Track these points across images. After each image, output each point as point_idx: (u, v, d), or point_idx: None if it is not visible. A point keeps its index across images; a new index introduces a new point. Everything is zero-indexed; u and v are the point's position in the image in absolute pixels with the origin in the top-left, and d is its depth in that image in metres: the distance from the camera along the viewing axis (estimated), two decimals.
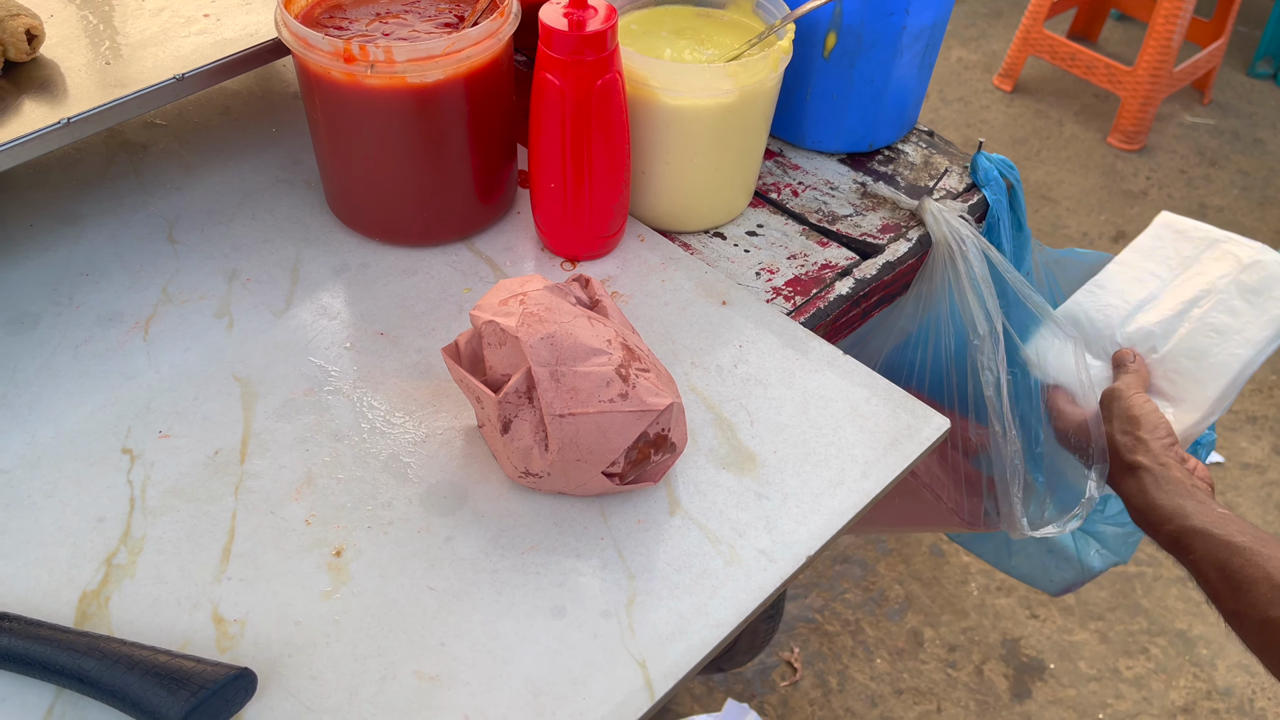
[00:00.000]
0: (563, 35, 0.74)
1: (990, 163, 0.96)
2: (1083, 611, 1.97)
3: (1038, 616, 1.96)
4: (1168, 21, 2.66)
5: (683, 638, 0.63)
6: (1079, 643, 1.93)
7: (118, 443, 0.72)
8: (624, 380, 0.66)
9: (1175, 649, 1.92)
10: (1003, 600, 1.99)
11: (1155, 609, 1.97)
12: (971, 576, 2.02)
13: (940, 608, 1.97)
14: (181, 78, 0.79)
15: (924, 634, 1.93)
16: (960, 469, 1.05)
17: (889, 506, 1.17)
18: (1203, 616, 1.96)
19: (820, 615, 1.96)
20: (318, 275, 0.84)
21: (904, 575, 2.02)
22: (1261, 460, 2.23)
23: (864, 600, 1.98)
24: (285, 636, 0.62)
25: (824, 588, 2.00)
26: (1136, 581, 2.02)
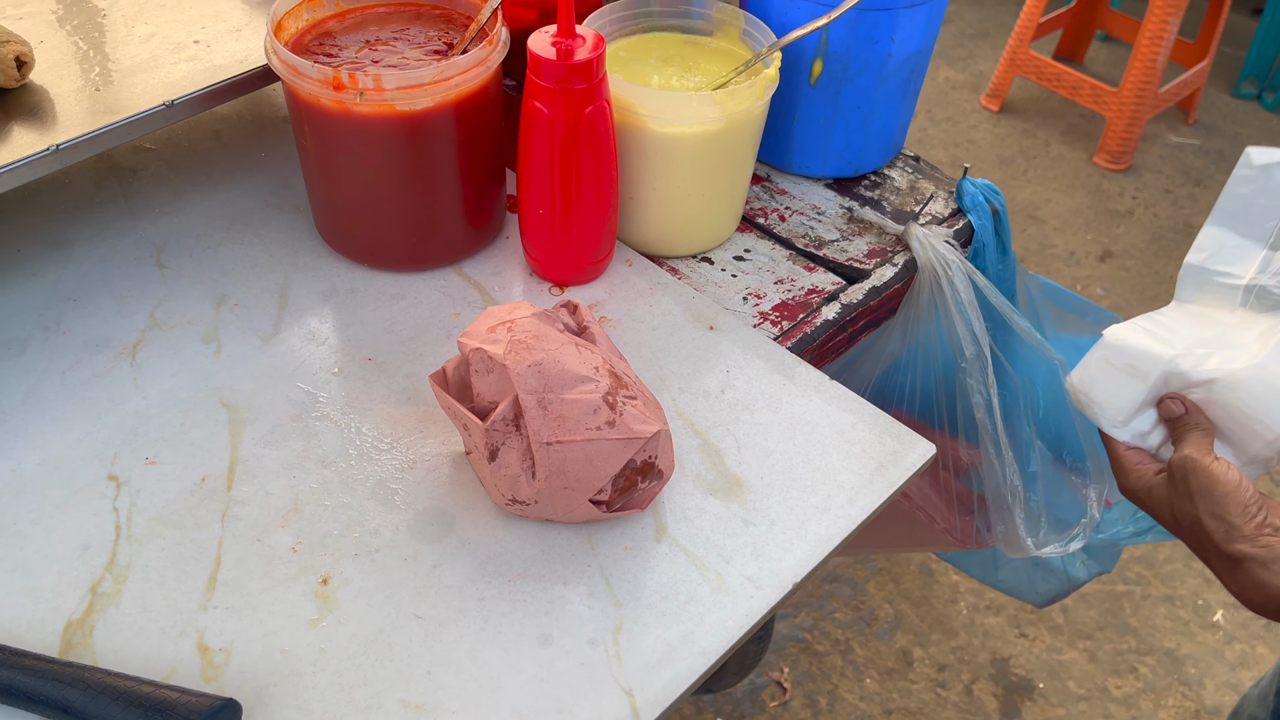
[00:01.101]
0: (551, 64, 0.75)
1: (975, 188, 0.97)
2: (1071, 630, 1.97)
3: (1027, 636, 1.97)
4: (1152, 43, 2.69)
5: (669, 666, 0.63)
6: (1068, 662, 1.93)
7: (104, 469, 0.72)
8: (611, 407, 0.66)
9: (1164, 668, 1.92)
10: (992, 619, 1.99)
11: (1144, 628, 1.98)
12: (961, 595, 2.02)
13: (930, 627, 1.97)
14: (171, 104, 0.80)
15: (913, 653, 1.93)
16: (951, 488, 1.06)
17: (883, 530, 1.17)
18: (1191, 636, 1.96)
19: (810, 635, 1.96)
20: (306, 300, 0.84)
21: (893, 594, 2.02)
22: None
23: (854, 619, 1.98)
24: (271, 666, 0.62)
25: (813, 607, 2.00)
26: (1125, 600, 2.02)
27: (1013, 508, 0.94)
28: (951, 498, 1.07)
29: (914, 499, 1.09)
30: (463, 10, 0.87)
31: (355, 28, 0.85)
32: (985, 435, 0.95)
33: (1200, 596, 2.02)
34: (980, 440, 0.96)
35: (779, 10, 0.91)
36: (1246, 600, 0.74)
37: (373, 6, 0.87)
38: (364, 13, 0.86)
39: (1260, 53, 3.17)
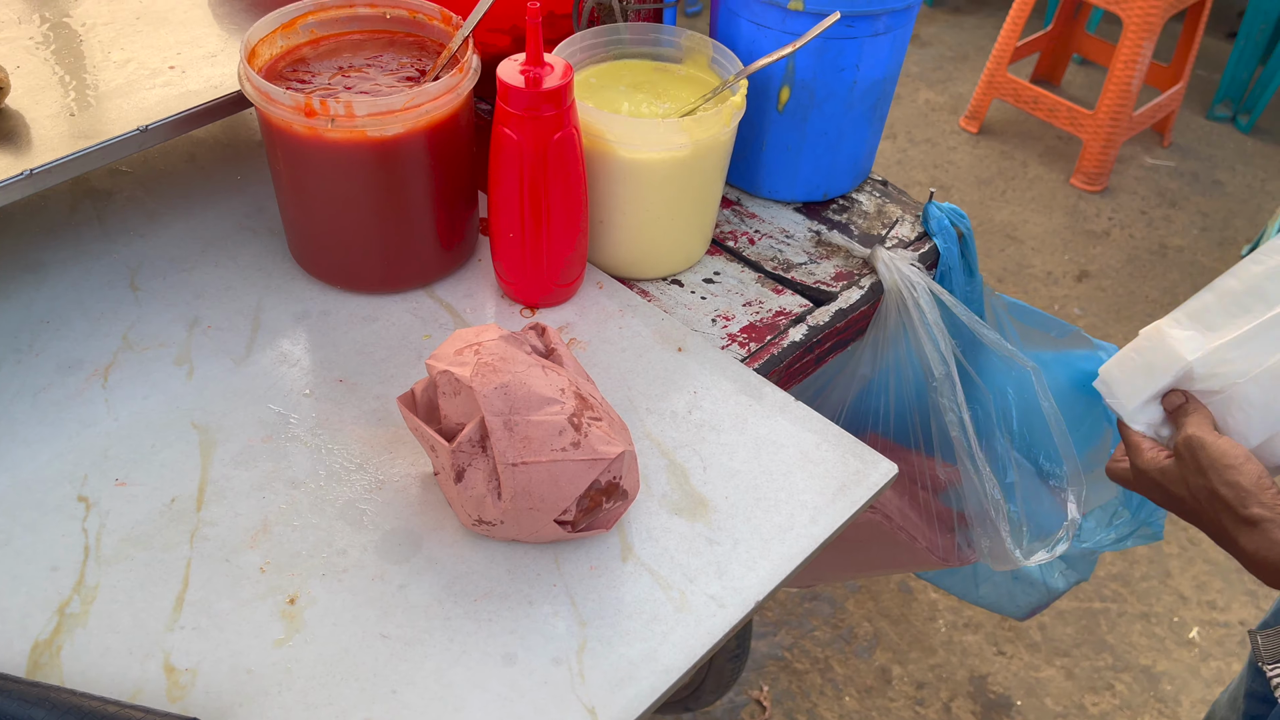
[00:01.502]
0: (519, 92, 0.76)
1: (941, 212, 0.99)
2: (1049, 648, 1.98)
3: (1005, 653, 1.98)
4: (1126, 66, 2.73)
5: (632, 684, 0.64)
6: (1045, 679, 1.94)
7: (74, 490, 0.72)
8: (576, 429, 0.67)
9: (1140, 685, 1.93)
10: (970, 637, 2.00)
11: (1120, 645, 1.99)
12: (939, 613, 2.03)
13: (908, 645, 1.98)
14: (145, 129, 0.81)
15: (892, 671, 1.94)
16: (931, 507, 1.07)
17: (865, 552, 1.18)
18: (1166, 653, 1.98)
19: (789, 653, 1.97)
20: (279, 322, 0.85)
21: (872, 612, 2.03)
22: None
23: (833, 638, 1.99)
24: (237, 685, 0.63)
25: (793, 625, 2.01)
26: (1101, 618, 2.03)
27: (997, 521, 0.95)
28: (932, 516, 1.08)
29: (894, 520, 1.10)
30: (435, 38, 0.88)
31: (329, 54, 0.86)
32: (962, 452, 0.96)
33: (1176, 614, 2.04)
34: (957, 457, 0.97)
35: (747, 39, 0.92)
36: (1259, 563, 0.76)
37: (346, 34, 0.88)
38: (337, 40, 0.88)
39: (1234, 76, 3.22)
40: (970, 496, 0.98)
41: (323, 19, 0.87)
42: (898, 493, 1.08)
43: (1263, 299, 0.79)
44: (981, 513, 0.96)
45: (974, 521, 1.00)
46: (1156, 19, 2.66)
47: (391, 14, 0.88)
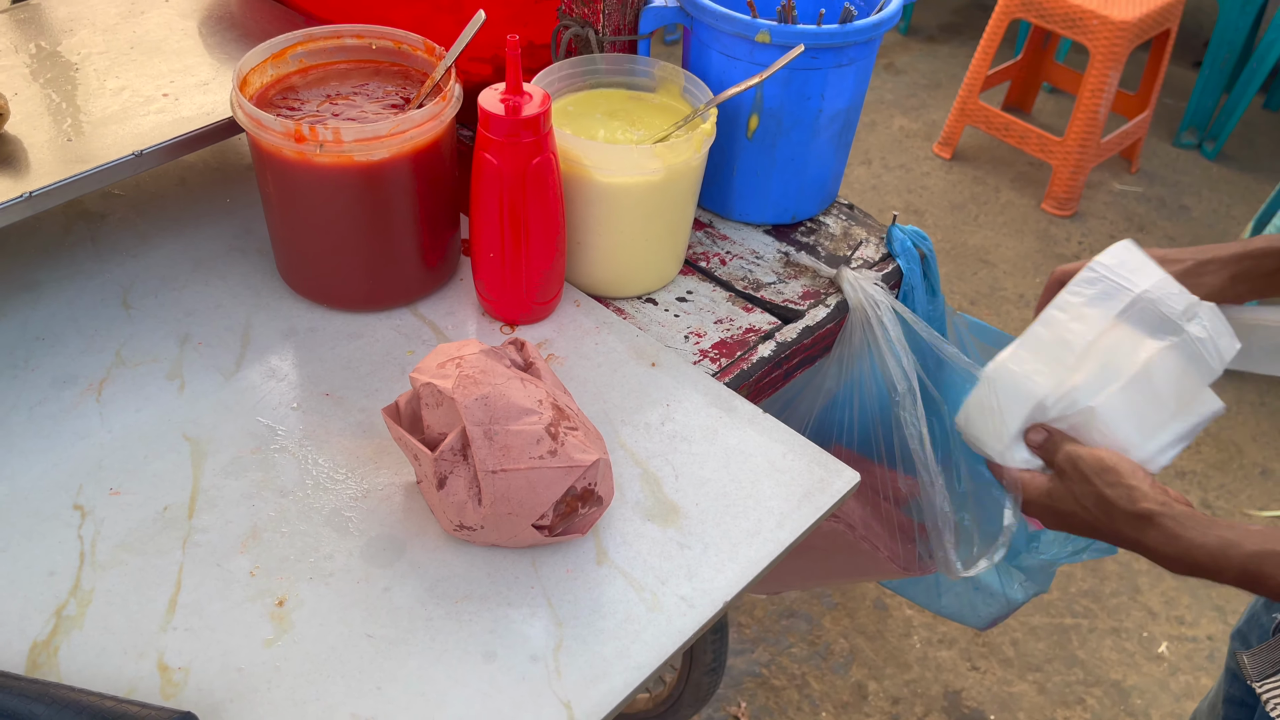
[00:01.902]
0: (499, 119, 0.80)
1: (904, 234, 1.03)
2: (1021, 663, 2.02)
3: (978, 669, 2.01)
4: (1094, 95, 2.80)
5: (606, 680, 0.67)
6: (1018, 694, 1.98)
7: (69, 500, 0.75)
8: (553, 438, 0.71)
9: (1110, 699, 1.97)
10: (945, 653, 2.03)
11: (1091, 660, 2.03)
12: (914, 629, 2.07)
13: (884, 661, 2.01)
14: (140, 154, 0.84)
15: (868, 687, 1.97)
16: (894, 518, 1.11)
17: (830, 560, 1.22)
18: (1136, 667, 2.02)
19: (766, 669, 1.99)
20: (267, 339, 0.89)
21: (849, 629, 2.06)
22: None
23: (809, 654, 2.02)
24: (228, 683, 0.65)
25: (770, 642, 2.04)
26: (1073, 633, 2.07)
27: (943, 531, 0.99)
28: (894, 527, 1.12)
29: (858, 529, 1.14)
30: (419, 67, 0.92)
31: (317, 83, 0.90)
32: (920, 465, 1.00)
33: (1145, 629, 2.08)
34: (916, 470, 1.01)
35: (717, 69, 0.97)
36: (1162, 557, 0.79)
37: (334, 63, 0.92)
38: (325, 69, 0.92)
39: (1199, 104, 3.31)
40: (927, 508, 1.02)
41: (311, 49, 0.90)
42: (861, 503, 1.11)
43: (1090, 324, 0.84)
44: (934, 524, 1.00)
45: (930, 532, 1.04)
46: (1122, 49, 2.73)
47: (377, 44, 0.92)
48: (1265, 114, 3.61)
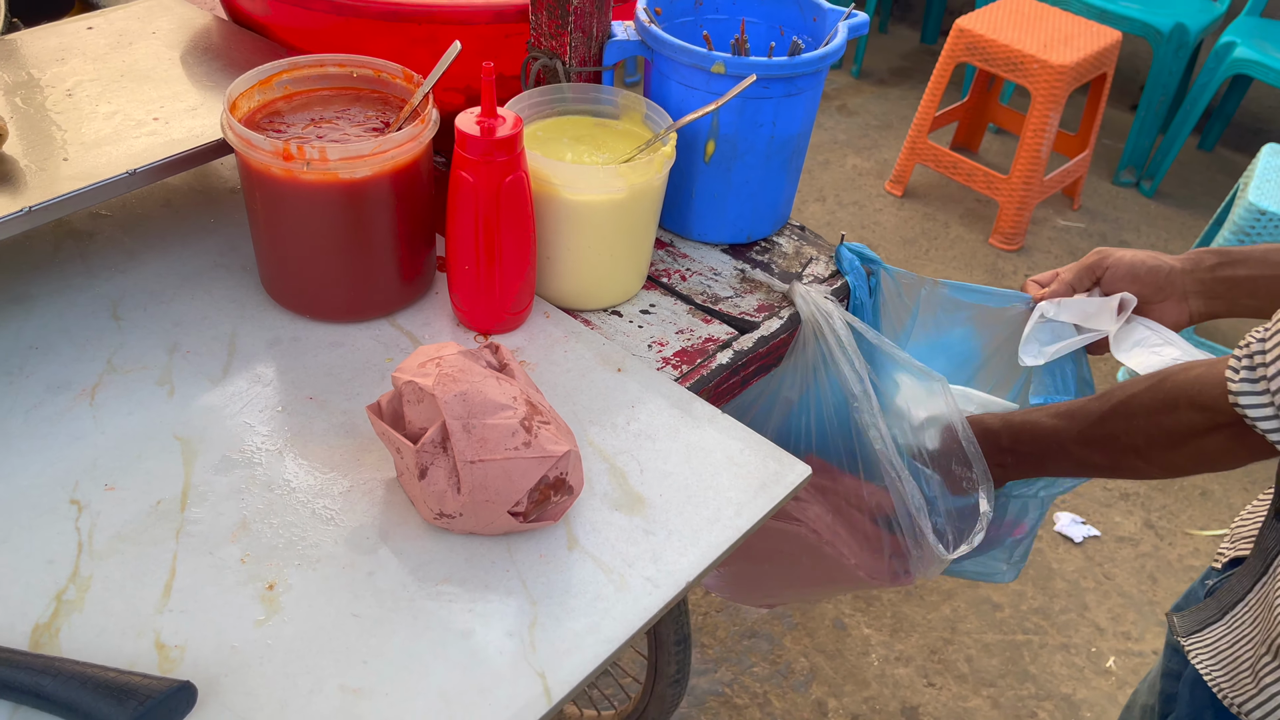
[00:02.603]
0: (475, 139, 0.86)
1: (851, 253, 1.11)
2: (976, 679, 2.08)
3: (934, 685, 2.07)
4: (1036, 134, 2.93)
5: (578, 652, 0.72)
6: (973, 709, 2.03)
7: (66, 495, 0.79)
8: (527, 431, 0.76)
9: (1062, 712, 2.04)
10: (902, 670, 2.09)
11: (1042, 675, 2.10)
12: (872, 648, 2.12)
13: (843, 678, 2.06)
14: (134, 172, 0.89)
15: (828, 704, 2.02)
16: (863, 528, 1.16)
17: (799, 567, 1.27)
18: (1085, 682, 2.08)
19: (729, 689, 2.04)
20: (252, 347, 0.93)
21: (809, 648, 2.11)
22: (1134, 534, 2.39)
23: (771, 673, 2.07)
24: (222, 659, 0.70)
25: (733, 662, 2.08)
26: (1024, 649, 2.14)
27: (919, 519, 1.04)
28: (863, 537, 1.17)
29: (824, 535, 1.19)
30: (397, 94, 0.98)
31: (301, 108, 0.96)
32: (885, 461, 1.06)
33: (1093, 645, 2.15)
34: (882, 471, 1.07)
35: (676, 98, 1.04)
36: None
37: (317, 90, 0.98)
38: (309, 95, 0.97)
39: (1136, 144, 3.46)
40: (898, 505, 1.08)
41: (295, 76, 0.96)
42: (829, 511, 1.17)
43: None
44: (908, 516, 1.05)
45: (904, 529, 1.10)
46: (1061, 91, 2.87)
47: (358, 72, 0.98)
48: (1199, 154, 3.77)
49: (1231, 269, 0.99)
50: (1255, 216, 2.38)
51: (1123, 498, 2.48)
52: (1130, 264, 1.03)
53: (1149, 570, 2.31)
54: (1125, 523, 2.42)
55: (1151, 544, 2.37)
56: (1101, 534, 2.39)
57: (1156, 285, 1.02)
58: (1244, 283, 0.99)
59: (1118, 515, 2.44)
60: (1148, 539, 2.39)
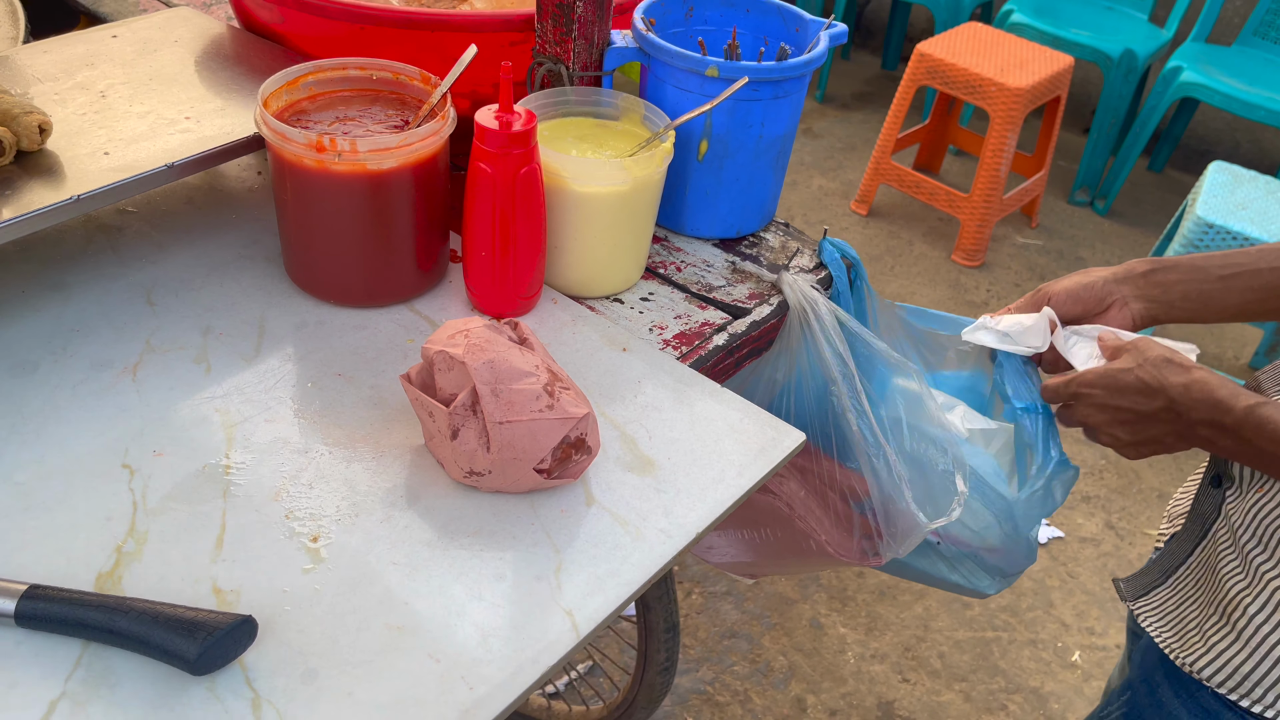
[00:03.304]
0: (494, 133, 0.93)
1: (834, 247, 1.19)
2: (948, 674, 2.15)
3: (909, 680, 2.14)
4: (995, 154, 3.06)
5: (601, 593, 0.79)
6: (946, 703, 2.11)
7: (117, 460, 0.85)
8: (550, 395, 0.83)
9: (1030, 705, 2.12)
10: (877, 667, 2.16)
11: (1011, 669, 2.18)
12: (848, 646, 2.19)
13: (821, 675, 2.13)
14: (173, 165, 0.96)
15: (807, 700, 2.08)
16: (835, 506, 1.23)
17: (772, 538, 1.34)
18: (1053, 675, 2.17)
19: (711, 687, 2.10)
20: (281, 330, 1.00)
21: (787, 647, 2.18)
22: (1096, 534, 2.49)
23: (751, 671, 2.13)
24: (275, 601, 0.76)
25: (713, 661, 2.14)
26: (994, 645, 2.22)
27: (901, 488, 1.11)
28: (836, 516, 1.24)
29: (796, 510, 1.26)
30: (414, 95, 1.06)
31: (325, 107, 1.03)
32: (864, 443, 1.13)
33: (1060, 640, 2.24)
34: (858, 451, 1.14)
35: (672, 100, 1.12)
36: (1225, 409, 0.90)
37: (339, 91, 1.05)
38: (332, 95, 1.04)
39: (1090, 165, 3.60)
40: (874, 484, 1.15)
41: (320, 78, 1.03)
42: (804, 488, 1.24)
43: None
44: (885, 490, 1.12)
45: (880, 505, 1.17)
46: (1018, 112, 3.00)
47: (377, 75, 1.05)
48: (1149, 174, 3.93)
49: (1164, 274, 1.02)
50: (1204, 230, 2.51)
51: (1084, 500, 2.58)
52: (1066, 289, 1.07)
53: (1110, 569, 2.41)
54: (1087, 524, 2.52)
55: (1113, 544, 2.47)
56: (1065, 535, 2.48)
57: (1095, 299, 1.05)
58: (1175, 286, 1.02)
59: (1080, 517, 2.54)
60: (1109, 539, 2.49)
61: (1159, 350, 0.95)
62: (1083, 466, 2.66)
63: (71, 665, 0.70)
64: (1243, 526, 0.95)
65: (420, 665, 0.73)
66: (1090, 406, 0.99)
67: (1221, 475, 0.99)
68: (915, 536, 1.17)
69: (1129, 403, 0.95)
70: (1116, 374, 0.95)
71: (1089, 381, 0.98)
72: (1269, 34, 3.43)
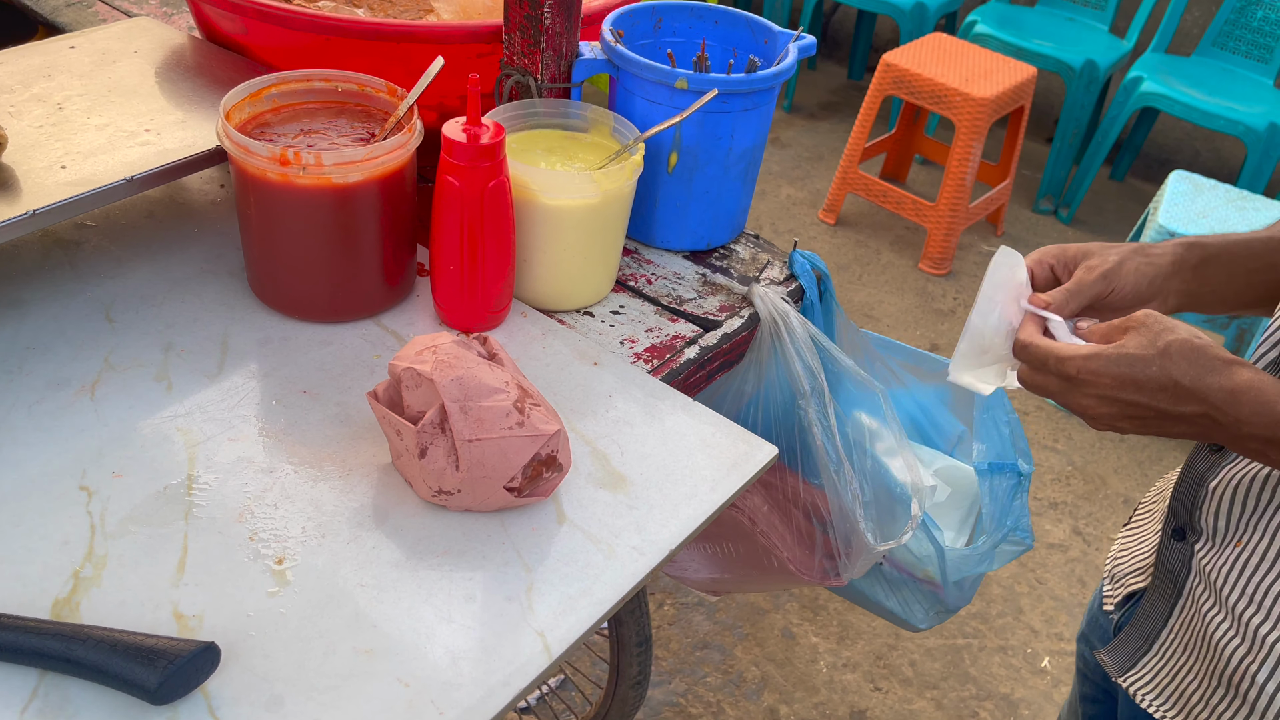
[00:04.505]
0: (461, 146, 0.92)
1: (804, 258, 1.19)
2: (920, 682, 2.16)
3: (880, 689, 2.14)
4: (960, 163, 3.08)
5: (573, 613, 0.78)
6: (917, 710, 2.11)
7: (75, 482, 0.83)
8: (520, 412, 0.82)
9: (1001, 711, 2.12)
10: (849, 676, 2.16)
11: (982, 676, 2.18)
12: (820, 656, 2.19)
13: (793, 685, 2.12)
14: (132, 179, 0.94)
15: (780, 711, 2.08)
16: (797, 524, 1.23)
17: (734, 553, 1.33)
18: (1023, 681, 2.18)
19: (684, 699, 2.09)
20: (245, 346, 0.98)
21: (759, 657, 2.17)
22: (1064, 540, 2.51)
23: (724, 682, 2.12)
24: (239, 626, 0.74)
25: (686, 673, 2.13)
26: (965, 652, 2.23)
27: (855, 508, 1.11)
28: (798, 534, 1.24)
29: (759, 525, 1.26)
30: (380, 107, 1.04)
31: (289, 119, 1.01)
32: (826, 459, 1.13)
33: (1029, 646, 2.25)
34: (820, 467, 1.14)
35: (641, 113, 1.12)
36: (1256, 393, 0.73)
37: (304, 103, 1.03)
38: (296, 108, 1.03)
39: (1053, 174, 3.64)
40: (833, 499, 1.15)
41: (284, 90, 1.02)
42: (766, 504, 1.24)
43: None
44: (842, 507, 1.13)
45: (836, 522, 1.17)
46: (983, 122, 3.02)
47: (342, 87, 1.04)
48: (1111, 183, 3.98)
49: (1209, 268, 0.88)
50: (1165, 238, 2.54)
51: (1052, 506, 2.59)
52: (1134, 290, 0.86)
53: (1078, 574, 2.43)
54: (1055, 530, 2.54)
55: (1080, 549, 2.49)
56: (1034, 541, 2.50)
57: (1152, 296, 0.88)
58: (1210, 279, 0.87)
59: (1047, 523, 2.56)
60: (1076, 545, 2.50)
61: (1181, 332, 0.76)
62: (1049, 473, 2.69)
63: (28, 696, 0.68)
64: (1227, 585, 0.86)
65: (389, 689, 0.71)
66: (1093, 397, 0.78)
67: (1185, 528, 0.90)
68: (866, 558, 1.17)
69: (1149, 399, 0.76)
70: (1133, 361, 0.76)
71: (1094, 369, 0.77)
72: (1227, 44, 3.49)
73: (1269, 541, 0.82)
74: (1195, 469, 0.89)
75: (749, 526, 1.24)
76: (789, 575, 1.30)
